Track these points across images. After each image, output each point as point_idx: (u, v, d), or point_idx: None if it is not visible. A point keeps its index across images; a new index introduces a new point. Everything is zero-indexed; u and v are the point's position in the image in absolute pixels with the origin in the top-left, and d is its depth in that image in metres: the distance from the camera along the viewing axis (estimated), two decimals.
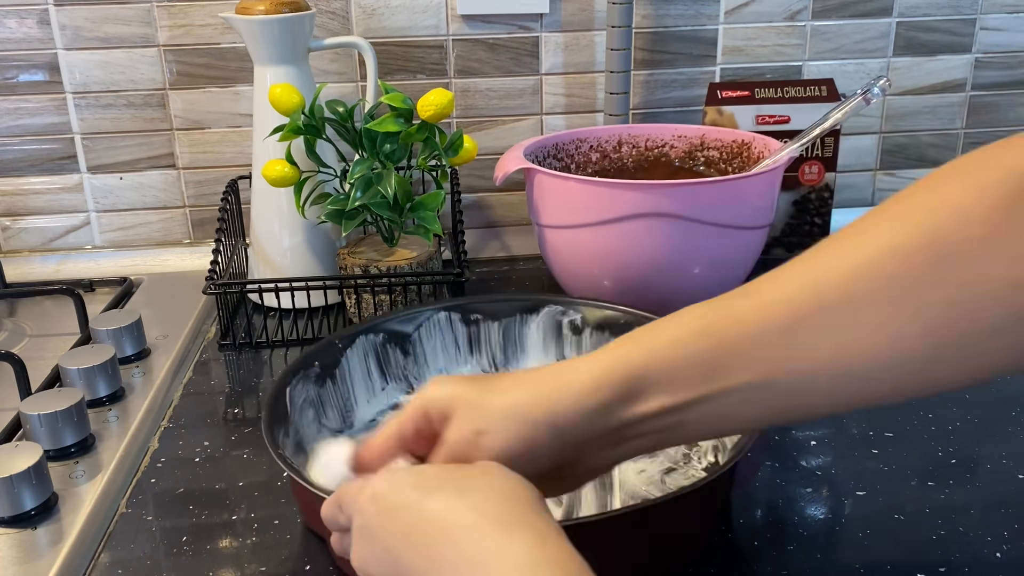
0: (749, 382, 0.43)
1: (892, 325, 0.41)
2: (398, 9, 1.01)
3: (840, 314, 0.41)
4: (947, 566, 0.54)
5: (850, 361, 0.42)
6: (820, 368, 0.42)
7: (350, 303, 0.88)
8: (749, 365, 0.43)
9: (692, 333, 0.44)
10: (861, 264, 0.42)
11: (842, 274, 0.42)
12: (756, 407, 0.43)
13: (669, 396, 0.43)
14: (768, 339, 0.42)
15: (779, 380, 0.42)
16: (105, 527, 0.61)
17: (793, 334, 0.42)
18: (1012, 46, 1.09)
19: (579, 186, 0.80)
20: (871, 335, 0.41)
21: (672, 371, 0.43)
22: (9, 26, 0.98)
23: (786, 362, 0.42)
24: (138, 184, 1.05)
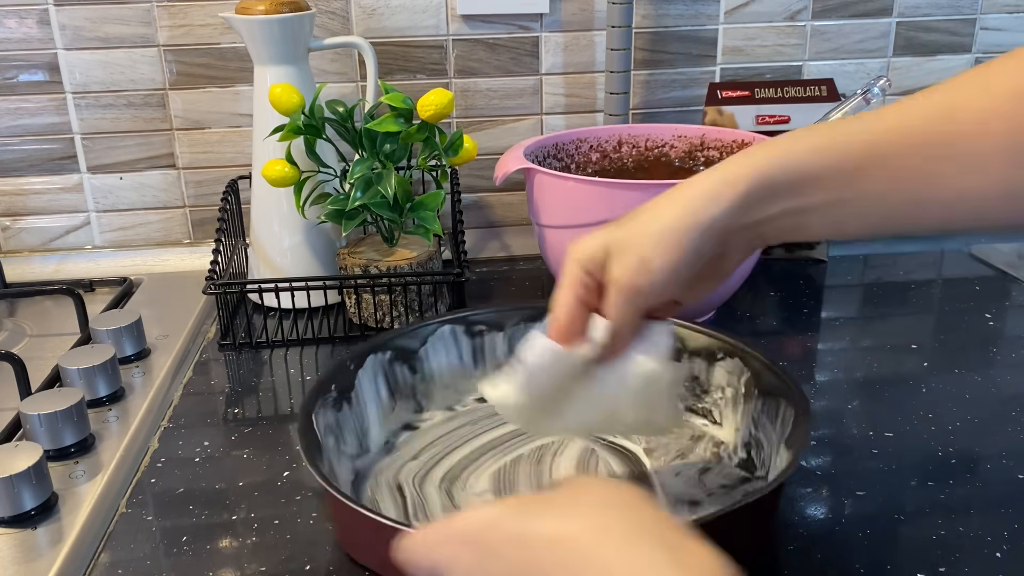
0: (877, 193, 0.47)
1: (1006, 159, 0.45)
2: (398, 9, 1.01)
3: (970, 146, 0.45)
4: (947, 566, 0.54)
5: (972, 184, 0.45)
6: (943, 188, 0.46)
7: (350, 303, 0.88)
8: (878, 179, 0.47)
9: (826, 143, 0.48)
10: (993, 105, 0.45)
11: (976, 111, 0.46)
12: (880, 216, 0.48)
13: (800, 198, 0.48)
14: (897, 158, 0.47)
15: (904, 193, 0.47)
16: (105, 527, 0.61)
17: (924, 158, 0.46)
18: (1012, 46, 1.08)
19: (579, 186, 0.80)
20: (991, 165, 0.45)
21: (805, 175, 0.48)
22: (9, 26, 0.98)
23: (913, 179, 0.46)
24: (138, 184, 1.05)
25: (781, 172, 0.48)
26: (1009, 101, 0.45)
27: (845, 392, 0.75)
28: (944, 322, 0.87)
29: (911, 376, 0.77)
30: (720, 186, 0.49)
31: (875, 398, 0.74)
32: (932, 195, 0.47)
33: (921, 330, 0.86)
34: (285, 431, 0.71)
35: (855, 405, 0.73)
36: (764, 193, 0.48)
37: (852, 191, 0.47)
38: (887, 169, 0.47)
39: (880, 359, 0.80)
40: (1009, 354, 0.80)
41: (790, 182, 0.48)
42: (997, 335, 0.84)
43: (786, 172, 0.48)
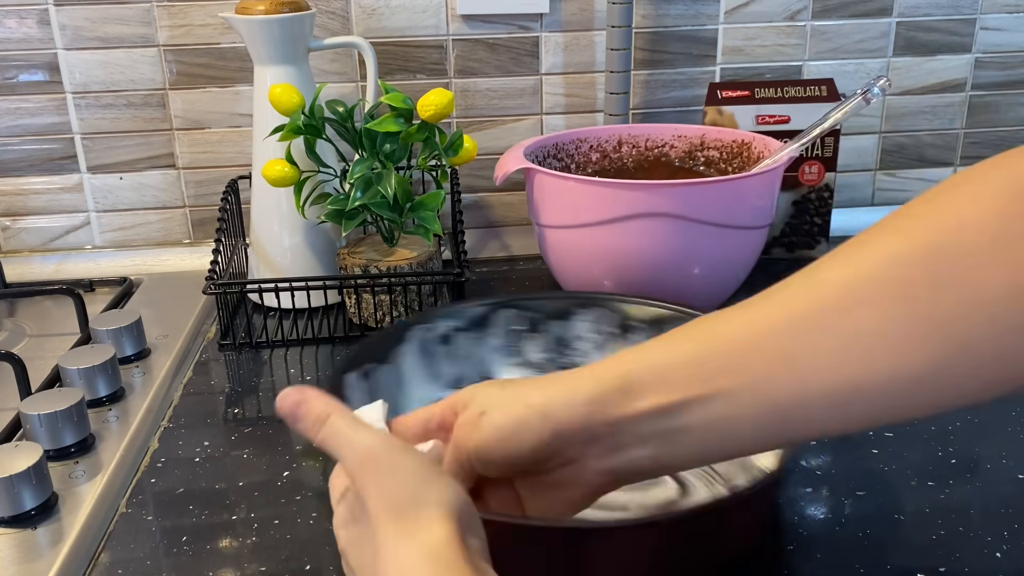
0: (749, 384, 0.42)
1: (892, 330, 0.40)
2: (398, 9, 1.01)
3: (839, 318, 0.41)
4: (947, 566, 0.54)
5: (850, 368, 0.41)
6: (820, 374, 0.41)
7: (350, 303, 0.88)
8: (746, 366, 0.42)
9: (689, 337, 0.45)
10: (860, 273, 0.42)
11: (841, 281, 0.42)
12: (756, 417, 0.43)
13: (663, 394, 0.43)
14: (765, 341, 0.43)
15: (778, 383, 0.42)
16: (105, 527, 0.61)
17: (791, 337, 0.42)
18: (1012, 46, 1.09)
19: (579, 186, 0.80)
20: (870, 340, 0.41)
21: (668, 370, 0.44)
22: (9, 26, 0.98)
23: (784, 363, 0.42)
24: (138, 184, 1.05)
25: (645, 367, 0.44)
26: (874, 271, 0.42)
27: None
28: None
29: None
30: (583, 378, 0.46)
31: None
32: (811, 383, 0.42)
33: None
34: (285, 431, 0.71)
35: None
36: (627, 389, 0.44)
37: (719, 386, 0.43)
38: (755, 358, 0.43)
39: None
40: None
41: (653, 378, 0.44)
42: None
43: (650, 367, 0.44)
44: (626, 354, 0.46)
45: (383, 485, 0.40)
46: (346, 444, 0.42)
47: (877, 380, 0.41)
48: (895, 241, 0.42)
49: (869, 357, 0.41)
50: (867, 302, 0.41)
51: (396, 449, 0.42)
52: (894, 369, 0.41)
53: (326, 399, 0.45)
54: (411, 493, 0.40)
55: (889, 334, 0.41)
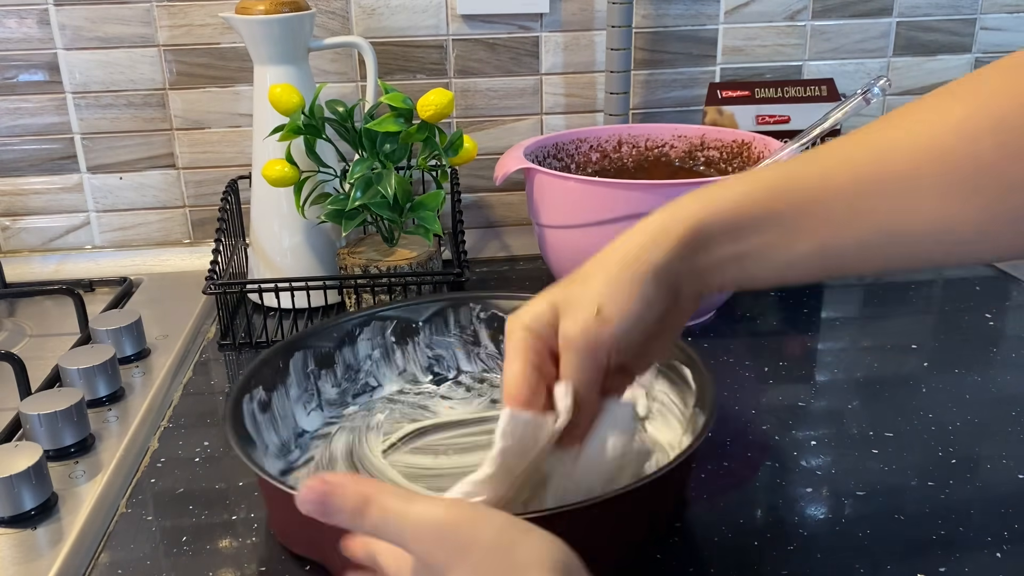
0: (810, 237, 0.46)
1: (951, 199, 0.44)
2: (398, 9, 1.01)
3: (902, 183, 0.44)
4: (947, 566, 0.54)
5: (906, 227, 0.45)
6: (878, 229, 0.45)
7: (350, 303, 0.88)
8: (811, 221, 0.46)
9: (760, 188, 0.47)
10: (925, 140, 0.44)
11: (907, 148, 0.45)
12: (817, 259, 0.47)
13: (735, 245, 0.47)
14: (830, 200, 0.46)
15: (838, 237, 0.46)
16: (105, 527, 0.61)
17: (855, 198, 0.45)
18: (1012, 46, 1.09)
19: (579, 186, 0.80)
20: (929, 206, 0.44)
21: (741, 221, 0.47)
22: (9, 26, 0.98)
23: (846, 223, 0.45)
24: (138, 184, 1.05)
25: (713, 219, 0.47)
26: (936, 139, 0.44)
27: (845, 392, 0.75)
28: (944, 322, 0.87)
29: (911, 376, 0.76)
30: (657, 235, 0.47)
31: (875, 398, 0.74)
32: (874, 233, 0.46)
33: (921, 330, 0.86)
34: None
35: (855, 405, 0.73)
36: (701, 240, 0.47)
37: (786, 236, 0.46)
38: (819, 212, 0.46)
39: (880, 359, 0.80)
40: (1009, 354, 0.80)
41: (723, 229, 0.47)
42: (997, 335, 0.84)
43: (718, 219, 0.47)
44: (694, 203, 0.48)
45: (468, 561, 0.36)
46: (405, 525, 0.38)
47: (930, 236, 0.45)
48: (963, 112, 0.44)
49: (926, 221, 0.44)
50: (930, 171, 0.44)
51: (469, 513, 0.38)
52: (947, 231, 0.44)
53: (358, 480, 0.40)
54: (503, 561, 0.36)
55: (948, 202, 0.44)
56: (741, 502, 0.61)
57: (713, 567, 0.55)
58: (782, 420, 0.71)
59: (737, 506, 0.60)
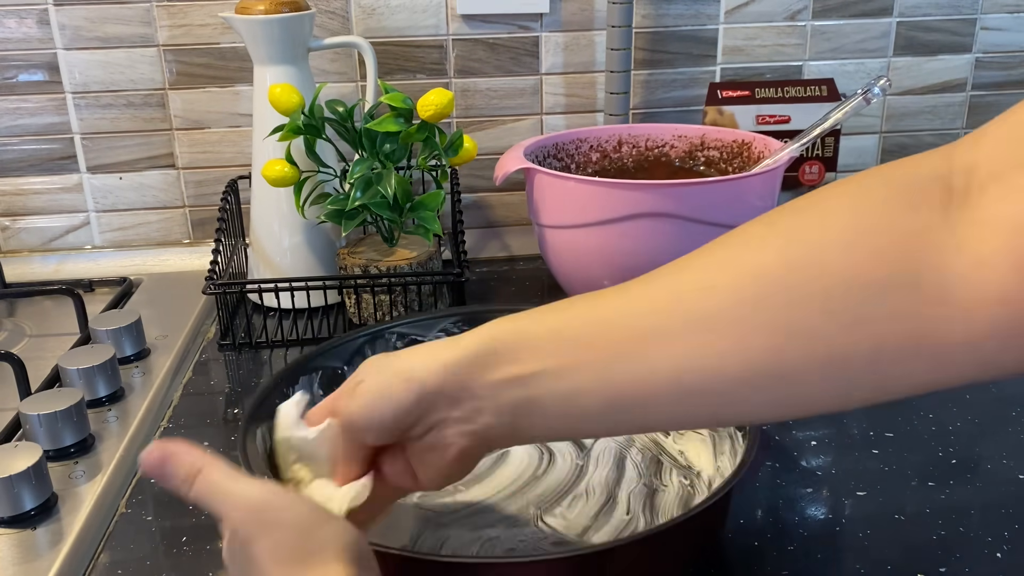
0: (596, 360, 0.43)
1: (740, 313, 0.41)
2: (398, 9, 1.00)
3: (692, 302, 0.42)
4: (947, 566, 0.54)
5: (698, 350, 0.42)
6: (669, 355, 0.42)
7: (350, 303, 0.88)
8: (599, 343, 0.44)
9: (553, 312, 0.46)
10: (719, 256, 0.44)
11: (699, 267, 0.44)
12: (604, 396, 0.43)
13: (518, 364, 0.44)
14: (623, 320, 0.44)
15: (627, 362, 0.43)
16: (105, 527, 0.61)
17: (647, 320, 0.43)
18: (1012, 46, 1.09)
19: (579, 186, 0.80)
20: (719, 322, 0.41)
21: (527, 339, 0.45)
22: (9, 26, 0.98)
23: (635, 342, 0.43)
24: (138, 184, 1.05)
25: (504, 336, 0.46)
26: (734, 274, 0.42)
27: None
28: None
29: None
30: (450, 344, 0.47)
31: None
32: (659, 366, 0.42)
33: None
34: None
35: None
36: (486, 357, 0.45)
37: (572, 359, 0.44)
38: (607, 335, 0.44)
39: None
40: None
41: (510, 346, 0.45)
42: None
43: (508, 336, 0.45)
44: (497, 322, 0.47)
45: (271, 537, 0.40)
46: (224, 498, 0.42)
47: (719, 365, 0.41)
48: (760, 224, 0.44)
49: (713, 341, 0.41)
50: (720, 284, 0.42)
51: (279, 497, 0.42)
52: (736, 354, 0.41)
53: (194, 451, 0.44)
54: (301, 542, 0.40)
55: (735, 318, 0.41)
56: (741, 502, 0.61)
57: (713, 567, 0.55)
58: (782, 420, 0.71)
59: (737, 506, 0.60)
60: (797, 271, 0.40)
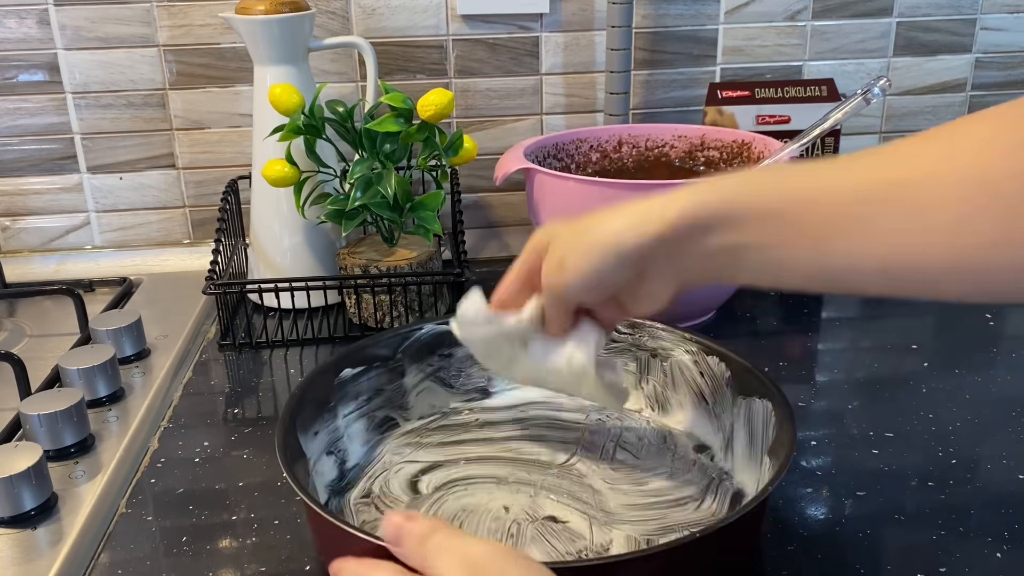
0: (805, 243, 0.45)
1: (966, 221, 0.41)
2: (398, 9, 1.01)
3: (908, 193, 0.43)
4: (947, 566, 0.54)
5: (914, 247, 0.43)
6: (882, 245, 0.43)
7: (350, 303, 0.88)
8: (809, 226, 0.45)
9: (762, 183, 0.47)
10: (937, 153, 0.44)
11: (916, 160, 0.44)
12: (809, 270, 0.46)
13: (735, 235, 0.47)
14: (831, 204, 0.45)
15: (835, 247, 0.44)
16: (105, 527, 0.61)
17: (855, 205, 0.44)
18: (1012, 46, 1.09)
19: (579, 186, 0.80)
20: (938, 232, 0.42)
21: (743, 213, 0.46)
22: (9, 26, 0.98)
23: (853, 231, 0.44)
24: (138, 184, 1.05)
25: (709, 208, 0.47)
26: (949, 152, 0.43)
27: (845, 392, 0.75)
28: (944, 322, 0.87)
29: (911, 376, 0.77)
30: (644, 218, 0.49)
31: (875, 398, 0.74)
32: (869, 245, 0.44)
33: (921, 330, 0.86)
34: None
35: (855, 405, 0.73)
36: (694, 228, 0.47)
37: (785, 233, 0.46)
38: (820, 214, 0.45)
39: (880, 359, 0.80)
40: (1009, 354, 0.80)
41: (719, 218, 0.47)
42: (997, 335, 0.84)
43: (715, 208, 0.47)
44: (704, 189, 0.48)
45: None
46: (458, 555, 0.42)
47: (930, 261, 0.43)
48: (981, 129, 0.43)
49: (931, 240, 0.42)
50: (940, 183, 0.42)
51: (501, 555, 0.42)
52: (952, 257, 0.42)
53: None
54: None
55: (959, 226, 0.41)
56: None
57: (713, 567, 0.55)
58: None
59: None
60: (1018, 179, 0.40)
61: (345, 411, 0.66)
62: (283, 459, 0.54)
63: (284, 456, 0.55)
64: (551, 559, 0.54)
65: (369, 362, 0.68)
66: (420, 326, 0.71)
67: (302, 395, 0.62)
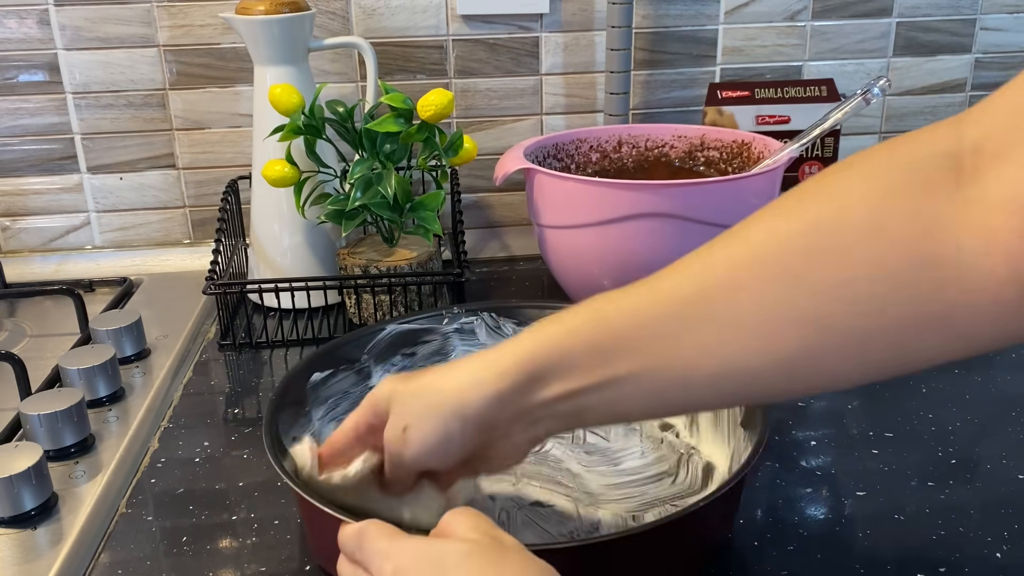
0: (641, 370, 0.44)
1: (767, 314, 0.42)
2: (398, 9, 1.01)
3: (721, 303, 0.43)
4: (947, 566, 0.54)
5: (731, 350, 0.43)
6: (702, 358, 0.43)
7: (350, 303, 0.88)
8: (639, 352, 0.44)
9: (587, 322, 0.46)
10: (743, 253, 0.43)
11: (725, 263, 0.44)
12: (652, 395, 0.45)
13: (567, 382, 0.45)
14: (656, 328, 0.44)
15: (666, 368, 0.44)
16: (105, 527, 0.61)
17: (679, 323, 0.44)
18: (1012, 46, 1.09)
19: (579, 186, 0.80)
20: (749, 323, 0.42)
21: (568, 359, 0.45)
22: (9, 26, 0.98)
23: (673, 350, 0.44)
24: (138, 184, 1.05)
25: (542, 357, 0.46)
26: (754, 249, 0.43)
27: (845, 392, 0.75)
28: None
29: (911, 376, 0.76)
30: (484, 375, 0.47)
31: (875, 398, 0.74)
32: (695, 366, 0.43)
33: None
34: None
35: (855, 405, 0.73)
36: (531, 378, 0.46)
37: (616, 370, 0.44)
38: (646, 342, 0.44)
39: None
40: (1009, 354, 0.80)
41: (554, 365, 0.45)
42: None
43: (550, 355, 0.46)
44: (527, 338, 0.47)
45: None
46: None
47: (753, 363, 0.43)
48: (779, 220, 0.43)
49: (748, 341, 0.42)
50: (746, 284, 0.42)
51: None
52: (769, 352, 0.42)
53: None
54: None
55: (764, 318, 0.42)
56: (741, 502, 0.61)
57: (714, 567, 0.55)
58: (782, 420, 0.71)
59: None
60: (819, 265, 0.41)
61: (318, 415, 0.66)
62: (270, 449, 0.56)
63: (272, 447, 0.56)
64: (544, 542, 0.55)
65: (336, 364, 0.68)
66: (383, 326, 0.71)
67: (280, 399, 0.61)
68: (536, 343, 0.47)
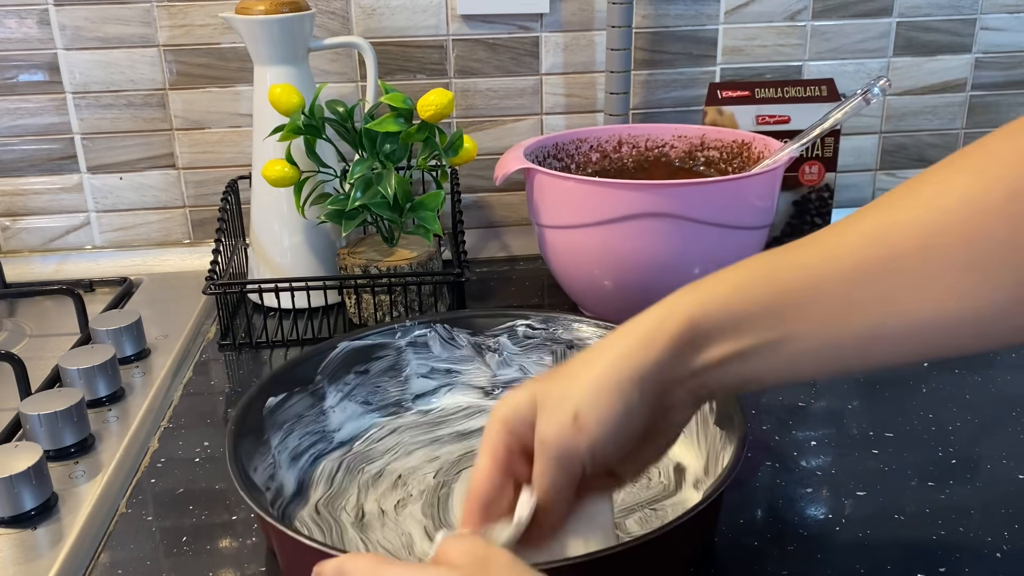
0: (813, 330, 0.43)
1: (964, 286, 0.41)
2: (398, 9, 1.01)
3: (909, 272, 0.41)
4: (947, 566, 0.54)
5: (916, 318, 0.41)
6: (887, 320, 0.42)
7: (350, 303, 0.88)
8: (814, 313, 0.43)
9: (757, 278, 0.44)
10: (934, 220, 0.41)
11: (914, 230, 0.42)
12: (820, 355, 0.44)
13: (738, 340, 0.43)
14: (833, 288, 0.43)
15: (844, 328, 0.43)
16: (105, 527, 0.61)
17: (859, 284, 0.42)
18: (1012, 46, 1.09)
19: (579, 186, 0.80)
20: (940, 294, 0.41)
21: (737, 314, 0.44)
22: (9, 26, 0.98)
23: (852, 309, 0.42)
24: (138, 184, 1.05)
25: (706, 316, 0.44)
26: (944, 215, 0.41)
27: (845, 392, 0.75)
28: None
29: (911, 376, 0.76)
30: (647, 335, 0.44)
31: (875, 398, 0.74)
32: (879, 325, 0.42)
33: None
34: None
35: (855, 405, 0.73)
36: (696, 339, 0.44)
37: (789, 329, 0.43)
38: (823, 303, 0.43)
39: None
40: (1009, 354, 0.80)
41: (718, 326, 0.44)
42: None
43: (711, 316, 0.44)
44: (686, 298, 0.45)
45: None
46: None
47: (942, 328, 0.41)
48: (970, 183, 0.41)
49: (937, 311, 0.41)
50: (940, 256, 0.41)
51: None
52: (961, 319, 0.41)
53: None
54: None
55: (961, 289, 0.40)
56: (741, 502, 0.61)
57: (713, 567, 0.55)
58: (782, 420, 0.71)
59: (737, 506, 0.60)
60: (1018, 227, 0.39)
61: (275, 442, 0.63)
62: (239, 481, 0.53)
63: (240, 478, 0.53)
64: None
65: (291, 387, 0.65)
66: (335, 343, 0.69)
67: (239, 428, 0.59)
68: (700, 300, 0.44)
